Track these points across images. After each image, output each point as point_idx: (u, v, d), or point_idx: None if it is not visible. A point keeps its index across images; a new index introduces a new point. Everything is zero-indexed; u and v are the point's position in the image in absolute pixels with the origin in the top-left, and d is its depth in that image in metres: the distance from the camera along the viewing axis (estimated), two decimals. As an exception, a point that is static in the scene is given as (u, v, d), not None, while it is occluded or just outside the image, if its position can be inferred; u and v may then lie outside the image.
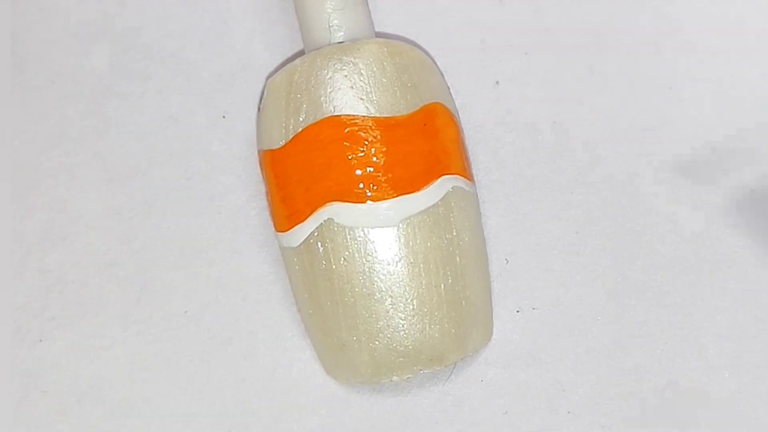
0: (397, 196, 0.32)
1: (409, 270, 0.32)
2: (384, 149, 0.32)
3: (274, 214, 0.34)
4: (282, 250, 0.34)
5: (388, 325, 0.32)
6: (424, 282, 0.32)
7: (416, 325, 0.32)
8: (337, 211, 0.32)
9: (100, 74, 0.37)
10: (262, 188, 0.35)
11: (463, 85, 0.36)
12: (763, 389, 0.34)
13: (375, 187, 0.32)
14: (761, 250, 0.35)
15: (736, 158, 0.36)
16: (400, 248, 0.32)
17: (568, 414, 0.34)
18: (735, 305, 0.35)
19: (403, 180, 0.32)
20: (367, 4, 0.34)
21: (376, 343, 0.32)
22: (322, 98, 0.32)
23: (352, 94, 0.32)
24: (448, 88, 0.35)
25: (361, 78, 0.32)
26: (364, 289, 0.32)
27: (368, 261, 0.32)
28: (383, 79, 0.32)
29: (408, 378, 0.33)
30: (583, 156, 0.36)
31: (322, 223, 0.32)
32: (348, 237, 0.32)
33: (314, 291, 0.33)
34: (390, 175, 0.32)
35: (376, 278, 0.32)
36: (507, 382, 0.35)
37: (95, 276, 0.36)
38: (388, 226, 0.32)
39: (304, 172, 0.32)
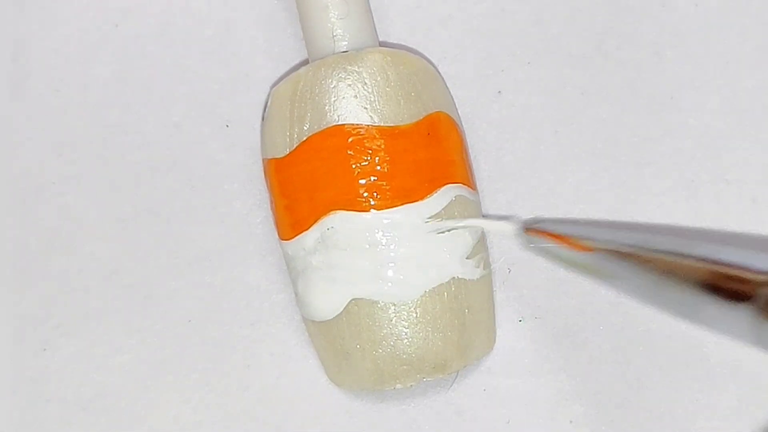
0: (400, 204, 0.32)
1: (412, 278, 0.32)
2: (388, 158, 0.32)
3: (278, 223, 0.34)
4: (286, 258, 0.34)
5: (391, 333, 0.32)
6: (427, 290, 0.32)
7: (419, 333, 0.32)
8: (341, 219, 0.32)
9: (104, 83, 0.37)
10: (266, 196, 0.35)
11: (466, 95, 0.36)
12: (763, 398, 0.34)
13: (378, 196, 0.32)
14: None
15: (737, 167, 0.36)
16: (403, 257, 0.32)
17: (570, 423, 0.34)
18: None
19: (406, 189, 0.32)
20: (371, 14, 0.34)
21: (380, 351, 0.32)
22: (326, 107, 0.32)
23: (356, 103, 0.32)
24: (452, 97, 0.35)
25: (365, 87, 0.32)
26: (368, 298, 0.32)
27: (372, 269, 0.32)
28: (387, 89, 0.32)
29: (411, 386, 0.33)
30: (585, 165, 0.36)
31: (325, 232, 0.32)
32: (351, 245, 0.32)
33: (318, 299, 0.33)
34: (393, 184, 0.32)
35: (379, 286, 0.32)
36: (509, 391, 0.35)
37: (99, 284, 0.36)
38: (391, 235, 0.32)
39: (308, 180, 0.32)
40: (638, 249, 0.29)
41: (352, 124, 0.32)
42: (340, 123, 0.32)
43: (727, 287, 0.26)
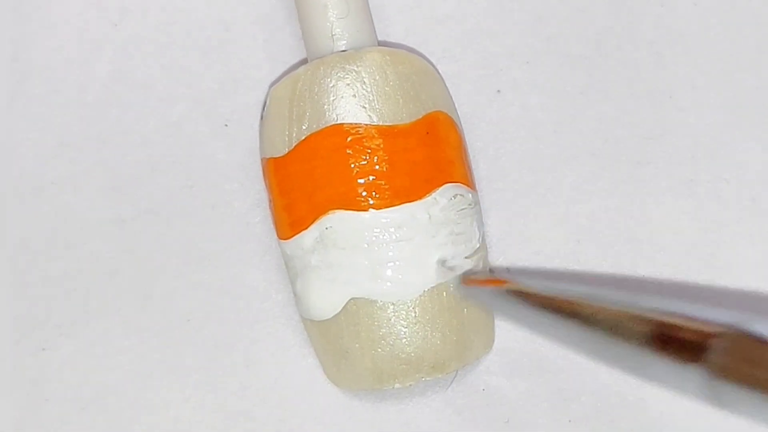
0: (399, 204, 0.32)
1: (411, 277, 0.32)
2: (386, 157, 0.32)
3: (276, 222, 0.34)
4: (285, 257, 0.34)
5: (390, 333, 0.32)
6: (426, 290, 0.32)
7: (418, 332, 0.32)
8: (339, 218, 0.32)
9: (103, 82, 0.37)
10: (265, 196, 0.35)
11: (465, 94, 0.36)
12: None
13: (377, 195, 0.32)
14: (763, 260, 0.35)
15: (737, 167, 0.36)
16: (402, 256, 0.32)
17: (569, 423, 0.34)
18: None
19: (405, 188, 0.32)
20: (370, 13, 0.34)
21: (379, 350, 0.32)
22: (325, 106, 0.32)
23: (354, 102, 0.32)
24: (451, 97, 0.35)
25: (364, 86, 0.32)
26: (367, 297, 0.32)
27: (370, 269, 0.32)
28: (386, 88, 0.32)
29: (410, 385, 0.33)
30: (584, 164, 0.36)
31: (324, 231, 0.32)
32: (350, 245, 0.32)
33: (317, 298, 0.33)
34: (392, 184, 0.32)
35: (378, 286, 0.32)
36: (508, 390, 0.35)
37: (99, 284, 0.36)
38: (390, 234, 0.32)
39: (307, 180, 0.32)
40: (581, 299, 0.26)
41: (351, 124, 0.32)
42: (338, 122, 0.32)
43: (678, 339, 0.24)
